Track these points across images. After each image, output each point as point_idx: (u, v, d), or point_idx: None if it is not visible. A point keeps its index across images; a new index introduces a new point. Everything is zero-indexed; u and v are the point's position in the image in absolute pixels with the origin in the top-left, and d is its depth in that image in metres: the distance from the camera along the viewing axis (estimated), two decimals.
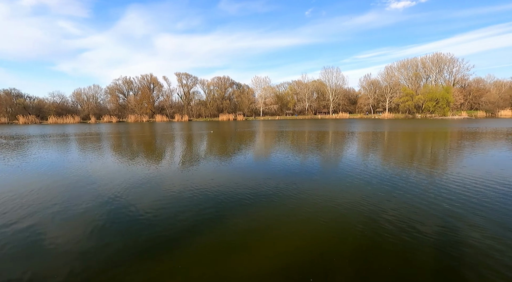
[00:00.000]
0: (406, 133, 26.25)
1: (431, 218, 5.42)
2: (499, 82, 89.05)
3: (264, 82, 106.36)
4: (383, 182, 8.18)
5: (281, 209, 6.11)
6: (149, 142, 22.73)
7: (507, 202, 6.27)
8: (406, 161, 11.66)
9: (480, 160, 11.59)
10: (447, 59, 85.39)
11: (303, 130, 32.52)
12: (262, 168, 10.78)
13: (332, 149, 15.89)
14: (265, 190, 7.57)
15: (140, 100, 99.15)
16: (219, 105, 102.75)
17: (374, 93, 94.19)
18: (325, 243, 4.49)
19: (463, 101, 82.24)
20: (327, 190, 7.50)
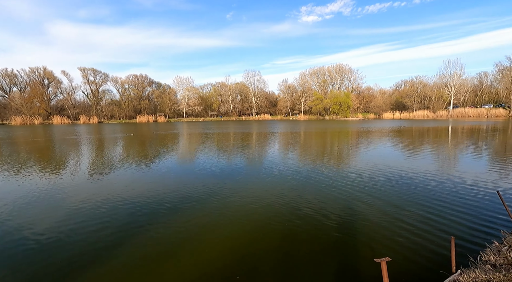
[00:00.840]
0: (318, 133, 29.82)
1: (339, 204, 6.30)
2: (382, 90, 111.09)
3: (187, 83, 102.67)
4: (300, 177, 9.05)
5: (205, 213, 5.99)
6: (45, 149, 18.70)
7: (392, 184, 7.87)
8: (318, 157, 13.24)
9: (372, 153, 14.20)
10: (346, 69, 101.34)
11: (228, 132, 32.87)
12: (185, 172, 10.35)
13: (255, 149, 16.61)
14: (188, 195, 7.30)
15: (29, 98, 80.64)
16: (136, 105, 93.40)
17: (291, 97, 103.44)
18: (249, 241, 4.64)
19: (359, 105, 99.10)
20: (250, 190, 7.77)
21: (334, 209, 6.01)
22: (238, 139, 22.87)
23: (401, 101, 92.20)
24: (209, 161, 12.30)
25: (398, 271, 3.54)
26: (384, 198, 6.76)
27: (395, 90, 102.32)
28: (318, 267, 3.80)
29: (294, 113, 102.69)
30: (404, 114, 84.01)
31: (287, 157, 13.32)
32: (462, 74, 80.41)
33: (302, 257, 4.05)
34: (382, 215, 5.66)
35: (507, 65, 70.74)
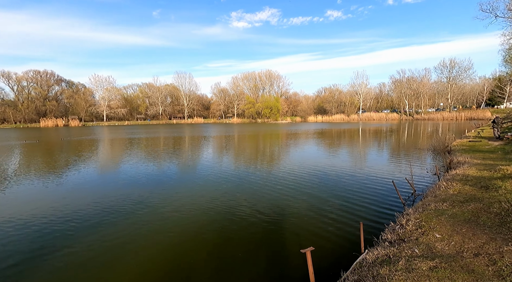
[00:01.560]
0: (251, 136, 30.78)
1: (269, 202, 6.64)
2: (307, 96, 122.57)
3: (108, 82, 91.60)
4: (233, 180, 9.18)
5: (130, 227, 5.48)
6: None
7: (315, 180, 8.74)
8: (251, 159, 13.69)
9: (298, 153, 15.48)
10: (275, 75, 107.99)
11: (157, 136, 30.76)
12: (105, 183, 9.25)
13: (188, 154, 16.06)
14: (109, 209, 6.55)
15: None
16: (39, 107, 78.20)
17: (224, 100, 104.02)
18: (182, 251, 4.47)
19: (287, 109, 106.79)
20: (182, 197, 7.49)
21: (265, 208, 6.30)
22: (168, 144, 21.66)
23: (322, 106, 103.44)
24: (135, 169, 11.27)
25: (321, 258, 3.96)
26: (309, 193, 7.47)
27: (317, 96, 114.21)
28: (251, 265, 3.92)
29: (227, 117, 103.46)
30: (325, 117, 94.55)
31: (221, 161, 13.32)
32: (367, 84, 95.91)
33: (235, 258, 4.12)
34: (307, 209, 6.23)
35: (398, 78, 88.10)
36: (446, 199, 5.34)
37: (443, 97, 79.16)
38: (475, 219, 4.20)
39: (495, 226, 3.88)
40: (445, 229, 3.94)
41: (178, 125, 73.08)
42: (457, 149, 12.71)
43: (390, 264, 3.11)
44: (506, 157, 9.57)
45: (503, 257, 2.99)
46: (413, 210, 5.03)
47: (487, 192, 5.52)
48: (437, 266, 2.90)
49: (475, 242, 3.47)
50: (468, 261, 2.99)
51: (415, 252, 3.33)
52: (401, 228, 4.20)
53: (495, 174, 6.93)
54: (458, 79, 75.68)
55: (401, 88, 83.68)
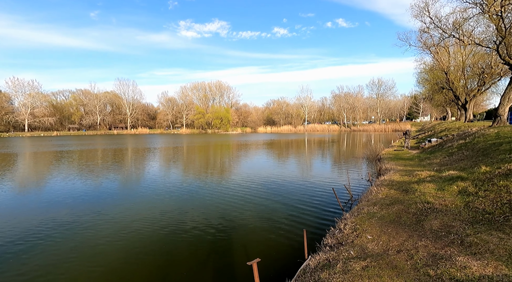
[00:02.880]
0: (201, 147, 30.06)
1: (219, 215, 6.52)
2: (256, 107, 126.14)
3: (31, 87, 79.45)
4: (183, 193, 8.79)
5: (68, 244, 4.78)
6: None
7: (264, 191, 8.93)
8: (201, 171, 13.34)
9: (248, 164, 15.68)
10: (225, 86, 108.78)
11: (94, 148, 27.72)
12: (27, 204, 7.91)
13: (131, 168, 14.85)
14: (32, 234, 5.61)
15: None
16: None
17: (172, 110, 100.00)
18: (126, 272, 4.05)
19: (238, 120, 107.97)
20: (126, 212, 6.86)
21: (213, 221, 6.17)
22: (107, 158, 19.69)
23: (271, 117, 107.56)
24: (63, 187, 9.92)
25: (267, 268, 4.03)
26: (257, 203, 7.59)
27: (266, 108, 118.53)
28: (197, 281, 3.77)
29: (175, 127, 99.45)
30: (274, 128, 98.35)
31: (168, 174, 12.65)
32: (311, 97, 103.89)
33: (182, 276, 3.91)
34: (254, 219, 6.31)
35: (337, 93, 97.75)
36: (376, 202, 6.02)
37: (374, 111, 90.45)
38: (398, 219, 4.82)
39: (413, 225, 4.52)
40: (375, 230, 4.43)
41: (119, 136, 67.13)
42: (385, 157, 14.53)
43: (330, 267, 3.34)
44: (421, 164, 11.31)
45: (418, 252, 3.49)
46: (349, 214, 5.53)
47: (407, 194, 6.41)
48: (368, 266, 3.22)
49: (398, 240, 3.98)
50: (392, 258, 3.41)
51: (351, 254, 3.64)
52: (340, 232, 4.57)
53: (413, 178, 8.10)
54: (385, 96, 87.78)
55: (340, 102, 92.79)
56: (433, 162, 10.93)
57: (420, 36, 24.72)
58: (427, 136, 24.35)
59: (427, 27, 22.06)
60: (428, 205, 5.19)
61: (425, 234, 4.04)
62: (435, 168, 9.24)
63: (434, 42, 24.33)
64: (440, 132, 23.40)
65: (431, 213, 4.80)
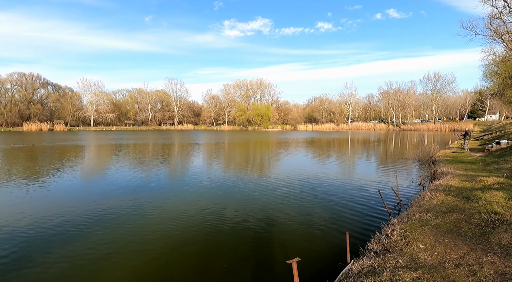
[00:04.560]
0: (241, 143, 30.76)
1: (258, 211, 6.60)
2: (297, 105, 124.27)
3: (96, 87, 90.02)
4: (223, 188, 9.11)
5: (121, 230, 5.34)
6: None
7: (304, 189, 8.77)
8: (241, 167, 13.64)
9: (288, 161, 15.56)
10: (267, 84, 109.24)
11: (146, 143, 30.28)
12: (91, 190, 8.99)
13: (180, 160, 15.86)
14: (95, 216, 6.35)
15: None
16: (23, 110, 75.81)
17: (215, 107, 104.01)
18: (171, 258, 4.36)
19: (278, 117, 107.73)
20: (171, 205, 7.36)
21: (252, 218, 6.26)
22: (157, 151, 21.34)
23: (312, 115, 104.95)
24: (122, 177, 11.02)
25: (307, 268, 3.94)
26: (297, 202, 7.48)
27: (308, 105, 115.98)
28: (236, 276, 3.86)
29: (218, 124, 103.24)
30: (315, 126, 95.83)
31: (210, 169, 13.21)
32: (356, 94, 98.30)
33: (220, 269, 4.05)
34: (294, 218, 6.23)
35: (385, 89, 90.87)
36: (430, 209, 5.46)
37: (428, 109, 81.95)
38: (456, 230, 4.30)
39: (476, 237, 3.99)
40: (428, 239, 4.02)
41: (167, 131, 72.25)
42: (441, 160, 13.09)
43: (375, 274, 3.13)
44: (487, 168, 9.93)
45: (482, 268, 3.07)
46: (398, 220, 5.11)
47: (468, 202, 5.68)
48: (420, 277, 2.94)
49: (457, 253, 3.55)
50: (450, 272, 3.05)
51: (399, 263, 3.37)
52: (387, 238, 4.25)
53: (476, 184, 7.15)
54: (442, 92, 78.62)
55: (388, 99, 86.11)
56: (503, 167, 9.52)
57: (489, 23, 21.53)
58: (494, 137, 21.28)
59: (499, 12, 19.13)
60: (496, 215, 4.53)
61: (491, 249, 3.54)
62: (505, 174, 8.03)
63: (508, 29, 20.99)
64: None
65: (500, 225, 4.19)
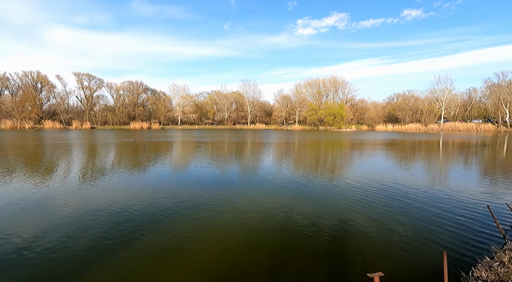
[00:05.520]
0: (312, 144, 30.01)
1: (332, 215, 6.27)
2: (375, 103, 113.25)
3: (183, 90, 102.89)
4: (294, 188, 9.03)
5: (199, 222, 5.90)
6: (41, 153, 18.28)
7: (385, 197, 7.90)
8: (312, 168, 13.27)
9: (365, 165, 14.31)
10: (340, 81, 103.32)
11: (222, 141, 32.80)
12: (180, 180, 10.24)
13: (250, 160, 16.57)
14: (180, 204, 7.18)
15: (20, 102, 79.42)
16: (130, 112, 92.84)
17: (286, 107, 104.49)
18: (240, 252, 4.56)
19: (353, 117, 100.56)
20: (243, 200, 7.71)
21: (327, 221, 5.98)
22: (232, 149, 22.83)
23: (393, 114, 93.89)
24: (202, 170, 12.20)
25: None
26: (377, 210, 6.78)
27: (388, 103, 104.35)
28: (309, 279, 3.74)
29: (288, 123, 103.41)
30: (397, 127, 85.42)
31: (280, 168, 13.31)
32: (452, 89, 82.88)
33: (292, 269, 4.00)
34: (374, 227, 5.65)
35: (495, 82, 73.36)
36: None
37: None
38: None
39: None
40: None
41: (241, 130, 76.60)
42: None
43: None
44: None
45: None
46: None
47: None
48: None
49: None
50: None
51: None
52: (502, 267, 3.40)
53: None
54: None
55: (499, 94, 69.63)
56: None
57: None
58: None
59: None
60: None
61: None
62: None
63: None
64: None
65: None
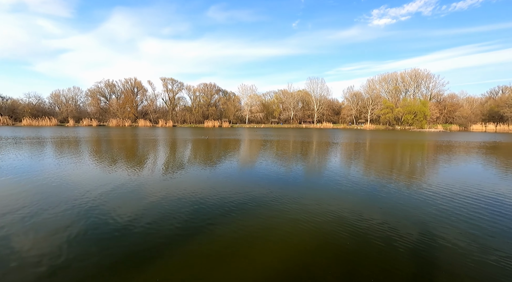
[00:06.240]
0: (387, 145, 27.20)
1: (410, 226, 5.60)
2: (471, 98, 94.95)
3: (251, 90, 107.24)
4: (365, 192, 8.39)
5: (266, 218, 6.09)
6: (136, 147, 22.07)
7: (479, 211, 6.60)
8: (387, 172, 12.04)
9: (454, 172, 12.18)
10: (424, 74, 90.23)
11: (287, 140, 32.88)
12: (247, 176, 10.75)
13: (317, 159, 16.15)
14: (251, 198, 7.53)
15: (123, 104, 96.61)
16: (204, 111, 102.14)
17: (357, 105, 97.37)
18: (309, 254, 4.51)
19: (439, 115, 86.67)
20: (312, 199, 7.57)
21: (404, 233, 5.36)
22: (297, 148, 22.66)
23: (497, 111, 76.90)
24: (267, 168, 12.50)
25: None
26: (473, 226, 5.71)
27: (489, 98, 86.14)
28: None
29: (359, 122, 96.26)
30: (502, 127, 69.67)
31: (350, 170, 12.54)
32: None
33: (368, 280, 3.75)
34: (468, 247, 4.79)
35: None
36: None
37: None
38: None
39: None
40: None
41: (306, 129, 75.20)
42: None
43: None
44: None
45: None
46: None
47: None
48: None
49: None
50: None
51: None
52: None
53: None
54: None
55: None
56: None
57: None
58: None
59: None
60: None
61: None
62: None
63: None
64: None
65: None
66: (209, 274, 3.85)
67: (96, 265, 4.05)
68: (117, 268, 3.95)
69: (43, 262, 4.09)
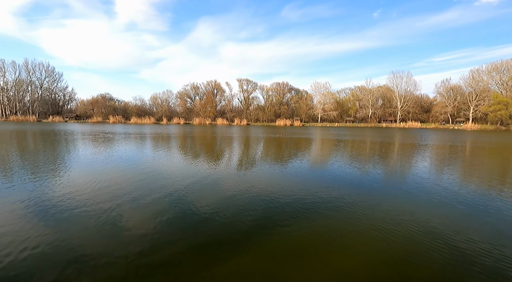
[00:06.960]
0: (496, 148, 22.06)
1: None
2: None
3: (324, 88, 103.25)
4: (460, 204, 7.08)
5: (339, 221, 5.87)
6: (215, 143, 24.42)
7: None
8: (497, 182, 9.81)
9: None
10: None
11: (364, 140, 30.39)
12: (319, 177, 10.51)
13: (399, 162, 14.45)
14: (323, 201, 7.35)
15: (204, 104, 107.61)
16: (276, 110, 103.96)
17: (454, 101, 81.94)
18: (387, 266, 4.14)
19: None
20: (392, 207, 6.87)
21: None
22: (375, 150, 20.72)
23: None
24: (339, 170, 11.88)
25: None
26: None
27: None
28: None
29: (456, 121, 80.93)
30: None
31: (440, 177, 10.74)
32: None
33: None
34: None
35: None
36: None
37: None
38: None
39: None
40: None
41: (387, 129, 67.68)
42: None
43: None
44: None
45: None
46: None
47: None
48: None
49: None
50: None
51: None
52: None
53: None
54: None
55: None
56: None
57: None
58: None
59: None
60: None
61: None
62: None
63: None
64: None
65: None
66: (282, 270, 3.99)
67: (186, 248, 4.72)
68: (201, 255, 4.50)
69: (146, 240, 5.02)
